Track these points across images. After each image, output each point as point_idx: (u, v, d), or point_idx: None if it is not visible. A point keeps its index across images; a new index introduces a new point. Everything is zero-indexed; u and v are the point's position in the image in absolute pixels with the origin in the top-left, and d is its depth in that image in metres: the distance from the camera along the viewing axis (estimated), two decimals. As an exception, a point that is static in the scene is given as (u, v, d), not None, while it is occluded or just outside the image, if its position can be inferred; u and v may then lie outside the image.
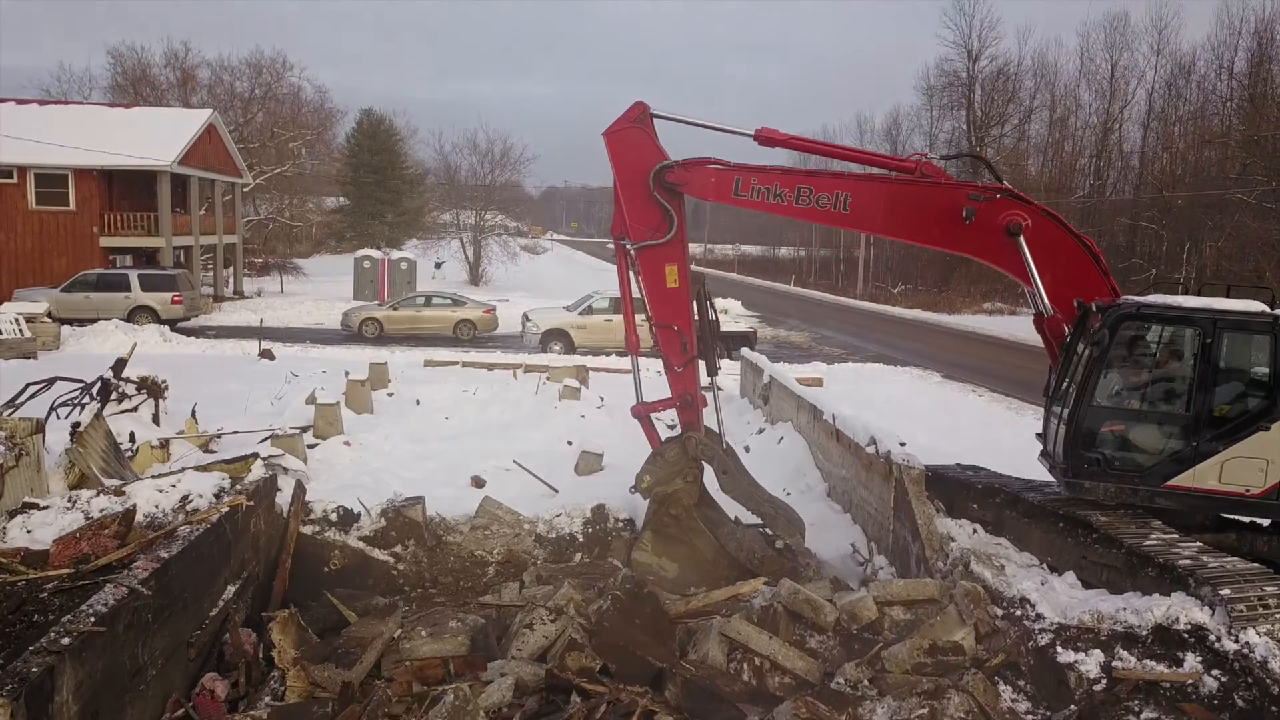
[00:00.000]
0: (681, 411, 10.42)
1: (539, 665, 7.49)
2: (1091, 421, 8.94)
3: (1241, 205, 38.11)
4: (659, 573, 9.95)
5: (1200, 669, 6.95)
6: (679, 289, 10.09)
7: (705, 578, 9.83)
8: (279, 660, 7.44)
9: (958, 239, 9.79)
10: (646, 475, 10.13)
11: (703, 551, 10.06)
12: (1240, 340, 8.89)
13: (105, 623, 5.74)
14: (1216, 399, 8.76)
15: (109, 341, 22.85)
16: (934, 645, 7.74)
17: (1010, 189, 9.89)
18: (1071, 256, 9.72)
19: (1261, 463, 8.60)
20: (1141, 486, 8.89)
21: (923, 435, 14.87)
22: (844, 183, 9.95)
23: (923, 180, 9.88)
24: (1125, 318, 8.80)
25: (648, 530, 10.16)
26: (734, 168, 9.97)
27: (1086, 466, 8.94)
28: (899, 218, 9.88)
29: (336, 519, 10.24)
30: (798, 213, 10.02)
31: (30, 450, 9.43)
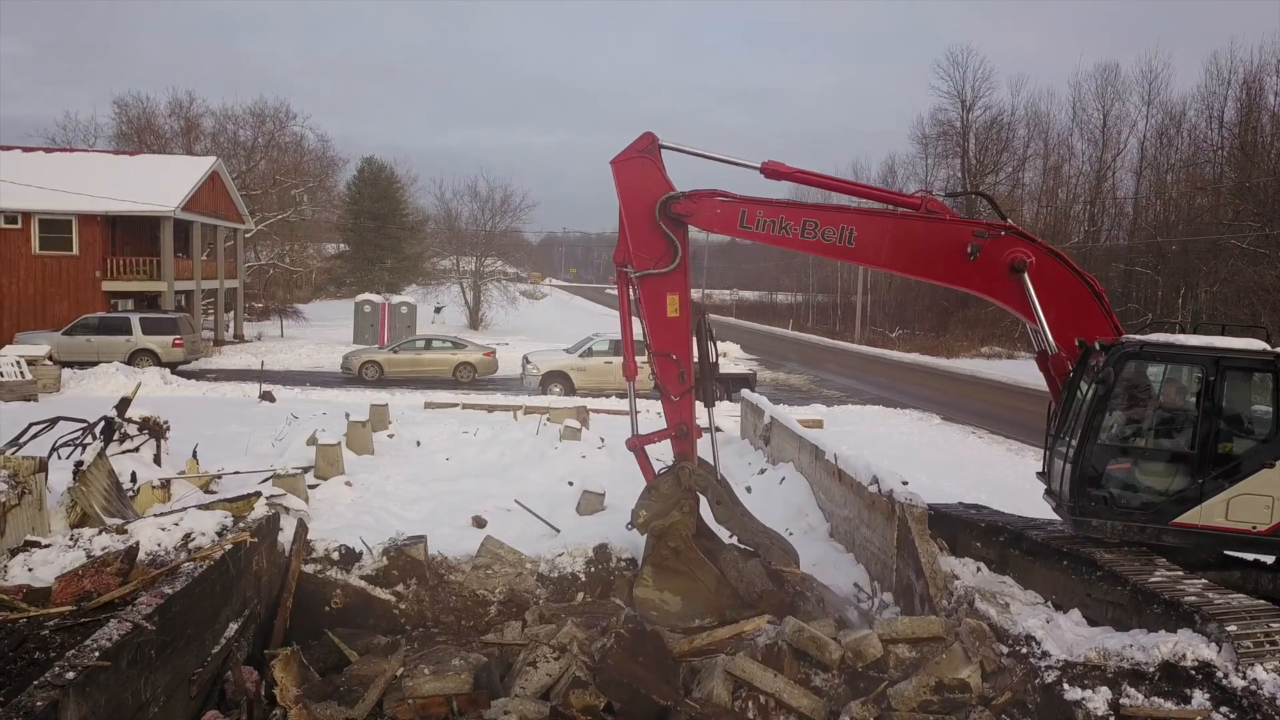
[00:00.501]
0: (676, 442, 10.40)
1: (543, 703, 7.43)
2: (1097, 459, 8.95)
3: (1235, 251, 38.46)
4: (662, 608, 9.89)
5: (1208, 706, 6.91)
6: (679, 319, 10.13)
7: (709, 610, 9.80)
8: (281, 698, 7.38)
9: (962, 275, 9.89)
10: (642, 510, 10.10)
11: (705, 583, 9.99)
12: (1243, 378, 8.95)
13: (109, 657, 5.72)
14: (1221, 437, 8.81)
15: (110, 384, 22.87)
16: (940, 683, 7.68)
17: (1015, 227, 9.98)
18: (1075, 295, 9.80)
19: (1267, 500, 8.62)
20: (1149, 524, 8.88)
21: (924, 476, 14.89)
22: (849, 217, 10.05)
23: (928, 216, 9.97)
24: (1129, 356, 8.86)
25: (647, 566, 10.11)
26: (740, 200, 10.02)
27: (1093, 504, 8.94)
28: (904, 253, 9.95)
29: (338, 558, 10.21)
30: (803, 245, 10.08)
31: (33, 489, 9.43)
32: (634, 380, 10.72)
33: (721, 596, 9.94)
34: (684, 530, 10.10)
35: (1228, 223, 39.97)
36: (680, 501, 10.15)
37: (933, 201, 10.15)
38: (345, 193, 70.56)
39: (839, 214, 10.14)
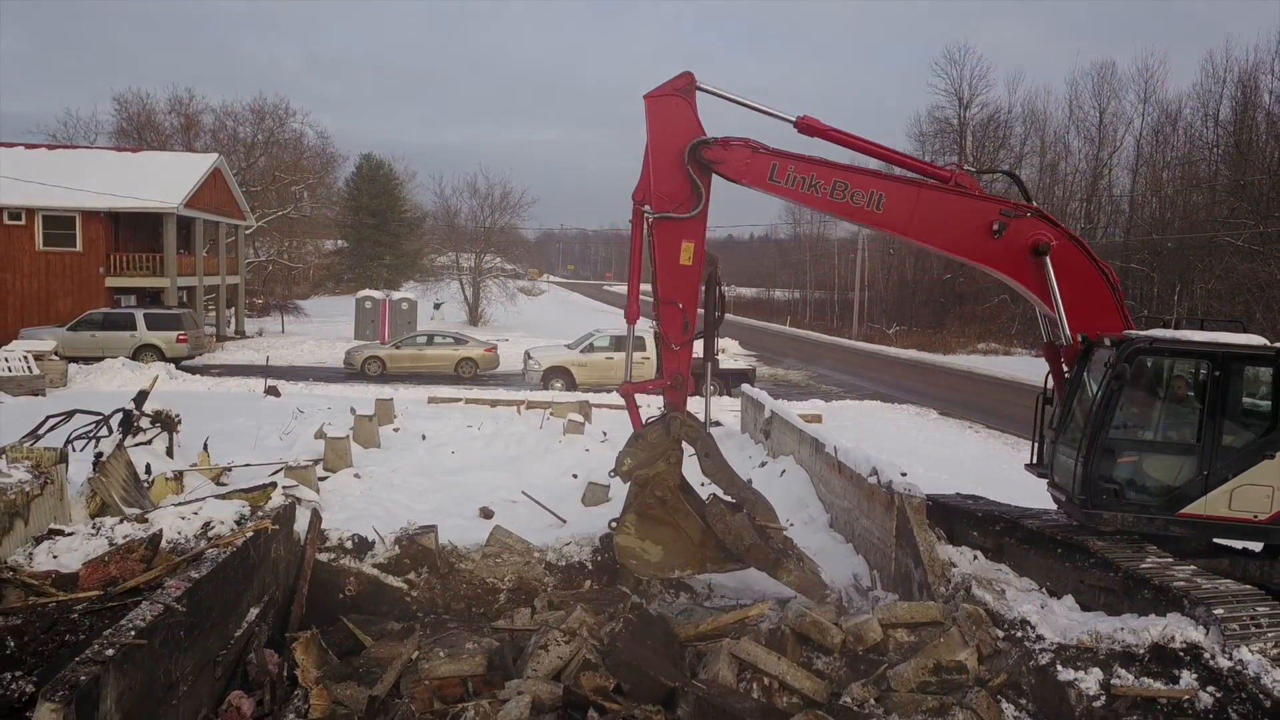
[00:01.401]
0: (670, 392, 10.12)
1: (555, 684, 7.69)
2: (1108, 453, 9.09)
3: (1230, 248, 38.77)
4: (642, 556, 9.84)
5: (1196, 685, 7.18)
6: (691, 268, 9.87)
7: (690, 561, 9.82)
8: (302, 679, 7.65)
9: (985, 252, 9.84)
10: (628, 458, 9.84)
11: (689, 534, 9.87)
12: (1246, 372, 9.17)
13: (144, 636, 5.97)
14: (1225, 429, 9.05)
15: (116, 379, 23.10)
16: (938, 665, 7.96)
17: (1040, 209, 9.99)
18: (1091, 284, 9.84)
19: (1268, 489, 8.88)
20: (1157, 516, 9.09)
21: (922, 468, 15.17)
22: (880, 183, 9.88)
23: (957, 190, 9.87)
24: (1140, 351, 8.99)
25: (630, 514, 9.88)
26: (772, 153, 9.79)
27: (1104, 497, 9.09)
28: (930, 224, 9.84)
29: (351, 546, 10.46)
30: (830, 206, 9.91)
31: (54, 479, 9.68)
32: (634, 324, 10.41)
33: (704, 548, 9.87)
34: (670, 480, 9.88)
35: (1222, 220, 40.28)
36: (667, 452, 9.89)
37: (963, 176, 10.06)
38: (344, 189, 70.84)
39: (870, 178, 9.90)
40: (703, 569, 9.86)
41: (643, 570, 9.80)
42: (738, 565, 9.90)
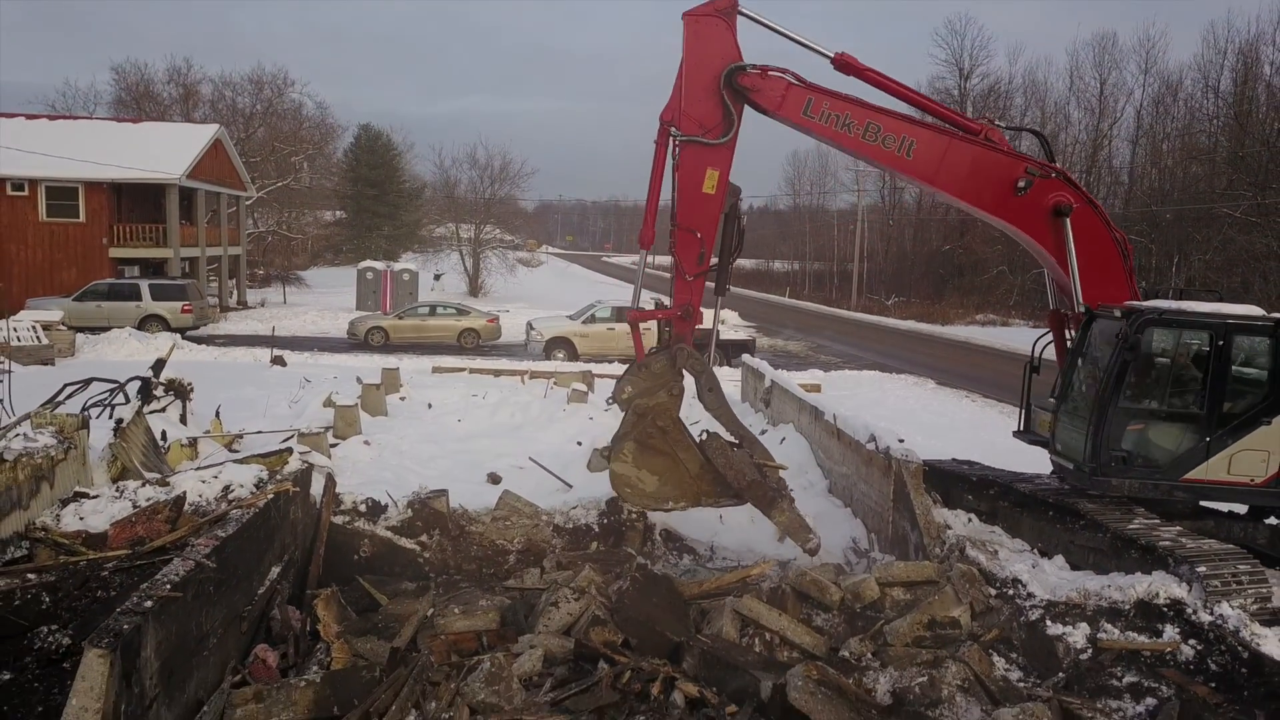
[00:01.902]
0: (678, 322, 9.92)
1: (566, 638, 8.03)
2: (1118, 422, 9.30)
3: (1228, 220, 38.94)
4: (637, 485, 9.73)
5: (1178, 639, 7.55)
6: (714, 196, 9.63)
7: (684, 493, 9.78)
8: (324, 634, 7.98)
9: (1007, 208, 9.87)
10: (629, 385, 9.66)
11: (687, 467, 9.75)
12: (1246, 342, 9.44)
13: (180, 589, 6.28)
14: (1226, 397, 9.30)
15: (124, 349, 23.37)
16: (933, 620, 8.30)
17: (1064, 171, 10.07)
18: (1104, 250, 9.97)
19: (1264, 454, 9.19)
20: (1161, 481, 9.34)
21: (919, 436, 15.44)
22: (913, 129, 9.80)
23: (987, 144, 9.87)
24: (1150, 323, 9.18)
25: (630, 441, 9.70)
26: (810, 86, 9.62)
27: (1113, 465, 9.28)
28: (957, 175, 9.79)
29: (365, 510, 10.78)
30: (860, 147, 9.80)
31: (77, 444, 9.97)
32: (647, 249, 10.11)
33: (701, 482, 9.79)
34: (672, 411, 9.73)
35: (1220, 192, 40.41)
36: (670, 383, 9.72)
37: (993, 131, 10.06)
38: (343, 160, 70.70)
39: (903, 123, 9.79)
40: (697, 502, 9.84)
41: (635, 499, 9.74)
42: (733, 501, 9.90)
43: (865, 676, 7.70)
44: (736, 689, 7.43)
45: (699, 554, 11.42)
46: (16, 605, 7.43)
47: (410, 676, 6.97)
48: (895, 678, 7.64)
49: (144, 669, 5.79)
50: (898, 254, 70.18)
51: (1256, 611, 7.79)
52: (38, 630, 7.19)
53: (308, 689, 6.83)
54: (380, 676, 7.08)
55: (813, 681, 6.82)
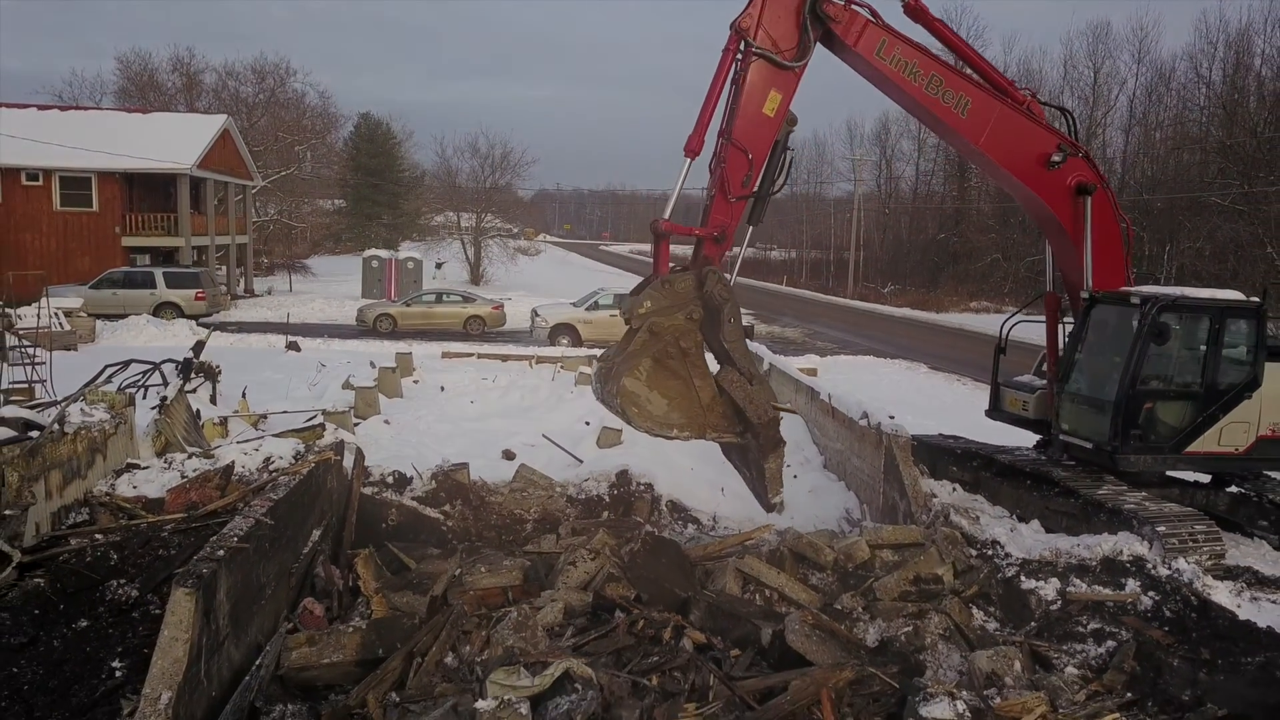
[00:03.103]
0: (710, 244, 9.49)
1: (584, 593, 8.81)
2: (1136, 401, 9.88)
3: (1216, 208, 39.71)
4: (645, 405, 9.16)
5: (1139, 590, 8.35)
6: (773, 120, 9.35)
7: (691, 422, 9.35)
8: (364, 589, 8.76)
9: (1038, 180, 10.27)
10: (647, 300, 9.09)
11: (700, 395, 9.33)
12: (1235, 325, 10.15)
13: (246, 541, 7.06)
14: (1220, 375, 10.01)
15: (142, 335, 24.11)
16: (917, 577, 9.09)
17: (1089, 153, 10.61)
18: (1110, 235, 10.53)
19: (1246, 425, 9.97)
20: (1169, 455, 10.03)
21: (910, 416, 16.26)
22: (971, 89, 10.02)
23: (1030, 115, 10.28)
24: (1165, 308, 9.78)
25: (647, 358, 9.12)
26: (887, 28, 9.71)
27: (1132, 442, 9.87)
28: (1001, 141, 10.10)
29: (391, 481, 11.55)
30: (922, 97, 9.90)
31: (126, 420, 10.74)
32: (694, 158, 9.38)
33: (710, 414, 9.41)
34: (694, 334, 9.25)
35: (1209, 180, 41.15)
36: (691, 307, 9.22)
37: (1035, 104, 10.47)
38: (344, 149, 71.21)
39: (964, 81, 10.05)
40: (702, 434, 9.47)
41: (640, 420, 9.19)
42: (736, 436, 9.57)
43: (856, 627, 8.48)
44: (739, 637, 8.22)
45: (702, 523, 12.20)
46: (88, 562, 8.22)
47: (447, 623, 7.75)
48: (883, 628, 8.43)
49: (219, 609, 6.57)
50: (894, 242, 70.90)
51: (1211, 567, 8.63)
52: (108, 584, 7.99)
53: (355, 634, 7.61)
54: (419, 624, 7.86)
55: (808, 626, 7.62)
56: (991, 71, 10.62)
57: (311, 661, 7.39)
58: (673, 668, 7.39)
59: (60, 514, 9.09)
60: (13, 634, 7.18)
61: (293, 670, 7.32)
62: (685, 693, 7.01)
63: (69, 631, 7.32)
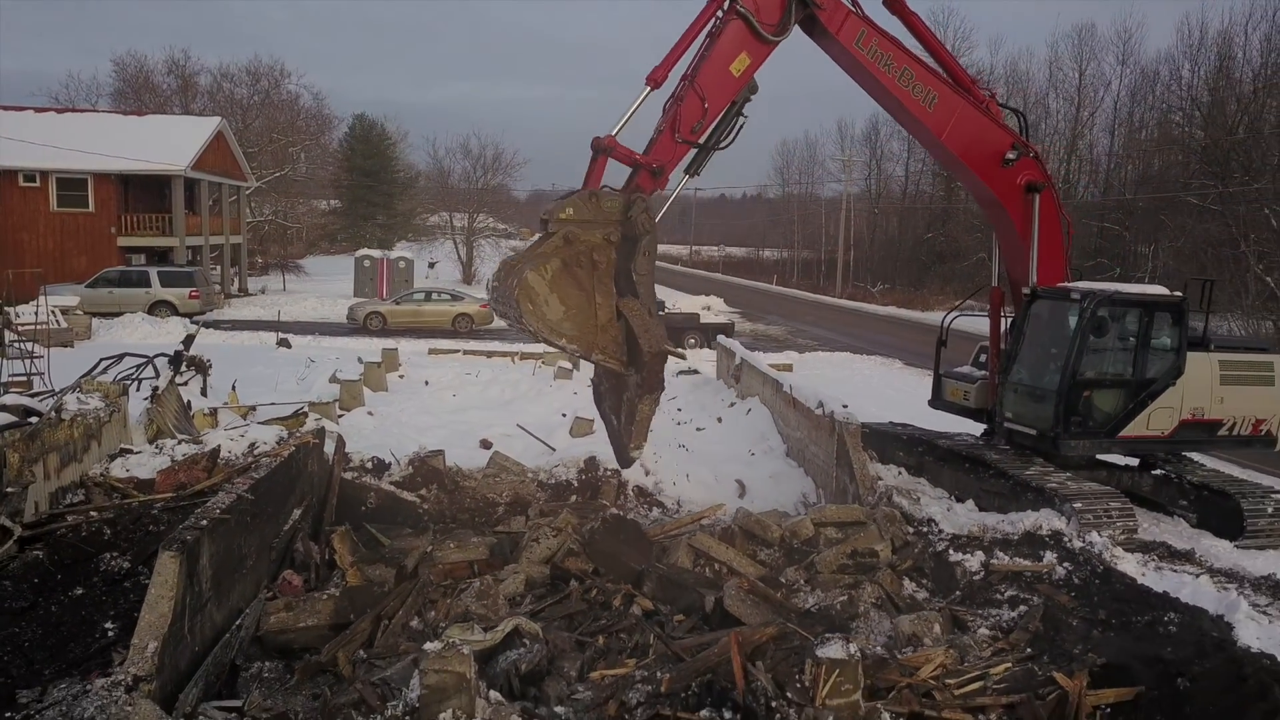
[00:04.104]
0: (645, 176, 9.58)
1: (546, 567, 9.49)
2: (1077, 390, 10.60)
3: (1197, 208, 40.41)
4: (540, 306, 9.01)
5: (1054, 561, 9.03)
6: (736, 80, 9.70)
7: (580, 337, 9.24)
8: (339, 562, 9.43)
9: (993, 175, 11.00)
10: (570, 208, 9.03)
11: (598, 313, 9.26)
12: (1161, 318, 10.89)
13: (228, 513, 7.73)
14: (1149, 365, 10.72)
15: (136, 332, 24.76)
16: (854, 551, 9.76)
17: (1038, 154, 11.36)
18: (1053, 233, 11.26)
19: (1170, 410, 10.69)
20: (1104, 439, 10.79)
21: (874, 408, 16.96)
22: (938, 84, 10.66)
23: (989, 114, 11.01)
24: (1102, 303, 10.51)
25: (557, 260, 9.00)
26: (867, 19, 10.26)
27: (1073, 429, 10.60)
28: (961, 135, 10.77)
29: (371, 467, 12.21)
30: (893, 87, 10.44)
31: (120, 408, 11.42)
32: (655, 89, 9.61)
33: (603, 335, 9.31)
34: (610, 254, 9.22)
35: (1184, 181, 41.90)
36: (611, 229, 9.21)
37: (993, 104, 11.25)
38: (339, 149, 71.86)
39: (932, 76, 10.66)
40: (588, 354, 9.41)
41: (532, 319, 9.00)
42: (620, 365, 9.50)
43: (797, 597, 9.17)
44: (686, 605, 8.89)
45: (667, 507, 12.85)
46: (84, 536, 8.92)
47: (413, 590, 8.44)
48: (821, 597, 9.12)
49: (201, 573, 7.24)
50: (884, 242, 71.62)
51: (1124, 541, 9.33)
52: (102, 556, 8.69)
53: (329, 601, 8.28)
54: (389, 590, 8.54)
55: (743, 592, 8.31)
56: (957, 69, 11.31)
57: (288, 625, 8.06)
58: (619, 630, 8.09)
59: (58, 494, 9.78)
60: (14, 599, 7.87)
61: (271, 632, 8.00)
62: (628, 650, 7.70)
63: (66, 598, 8.01)
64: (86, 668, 6.85)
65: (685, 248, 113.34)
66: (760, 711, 5.66)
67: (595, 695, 6.77)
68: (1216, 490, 10.48)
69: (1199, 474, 11.01)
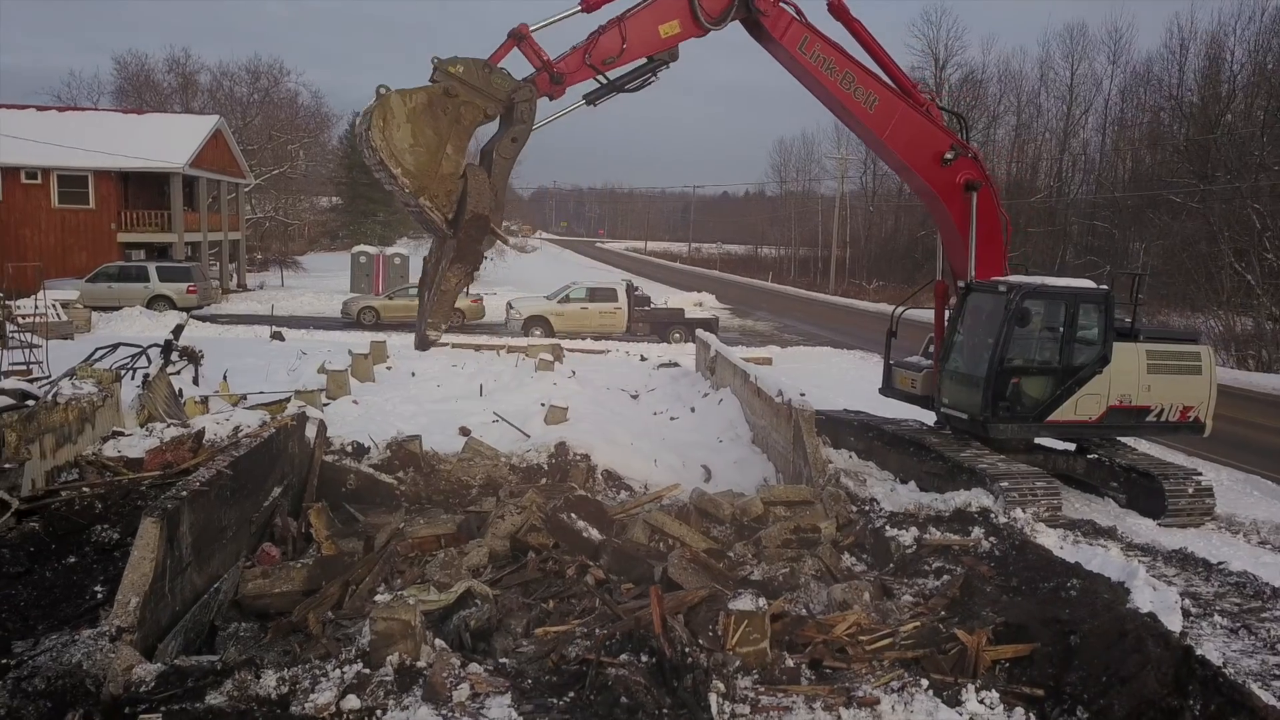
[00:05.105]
0: (545, 79, 10.15)
1: (507, 541, 10.15)
2: (1005, 377, 11.32)
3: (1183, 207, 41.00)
4: (393, 127, 9.19)
5: (981, 536, 9.69)
6: (661, 41, 10.45)
7: (419, 177, 9.45)
8: (315, 536, 10.09)
9: (932, 174, 11.68)
10: (462, 65, 9.30)
11: (444, 160, 9.48)
12: (1086, 309, 11.56)
13: (206, 486, 8.39)
14: (1075, 354, 11.38)
15: (135, 325, 25.44)
16: (798, 528, 10.41)
17: (976, 154, 12.03)
18: (992, 228, 11.91)
19: (1098, 396, 11.35)
20: (1033, 423, 11.46)
21: (842, 399, 17.62)
22: (878, 87, 11.32)
23: (929, 116, 11.70)
24: (1027, 295, 11.24)
25: (426, 95, 9.19)
26: (810, 26, 10.92)
27: (1001, 413, 11.32)
28: (901, 136, 11.44)
29: (351, 450, 12.87)
30: (836, 90, 11.06)
31: (112, 394, 12.10)
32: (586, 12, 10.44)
33: (439, 185, 9.57)
34: (475, 119, 9.59)
35: (1167, 180, 42.47)
36: (492, 102, 9.61)
37: (934, 107, 11.94)
38: (338, 147, 72.52)
39: (872, 79, 11.29)
40: (417, 194, 9.56)
41: (379, 136, 9.15)
42: (443, 220, 9.75)
43: (742, 569, 9.83)
44: (638, 575, 9.53)
45: (635, 490, 13.47)
46: (77, 510, 9.60)
47: (380, 558, 9.10)
48: (766, 570, 9.77)
49: (181, 540, 7.89)
50: (880, 239, 72.22)
51: (1048, 518, 9.97)
52: (93, 528, 9.38)
53: (303, 569, 8.94)
54: (358, 561, 9.20)
55: (685, 560, 8.96)
56: (898, 73, 11.95)
57: (264, 590, 8.72)
58: (569, 595, 8.74)
59: (54, 473, 10.47)
60: (11, 565, 8.56)
61: (248, 598, 8.66)
62: (575, 613, 8.35)
63: (59, 565, 8.70)
64: (76, 624, 7.52)
65: (684, 245, 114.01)
66: (675, 657, 6.31)
67: (538, 649, 7.42)
68: (1142, 472, 11.13)
69: (1128, 457, 11.65)
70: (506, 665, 7.13)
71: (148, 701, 5.94)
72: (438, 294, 10.15)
